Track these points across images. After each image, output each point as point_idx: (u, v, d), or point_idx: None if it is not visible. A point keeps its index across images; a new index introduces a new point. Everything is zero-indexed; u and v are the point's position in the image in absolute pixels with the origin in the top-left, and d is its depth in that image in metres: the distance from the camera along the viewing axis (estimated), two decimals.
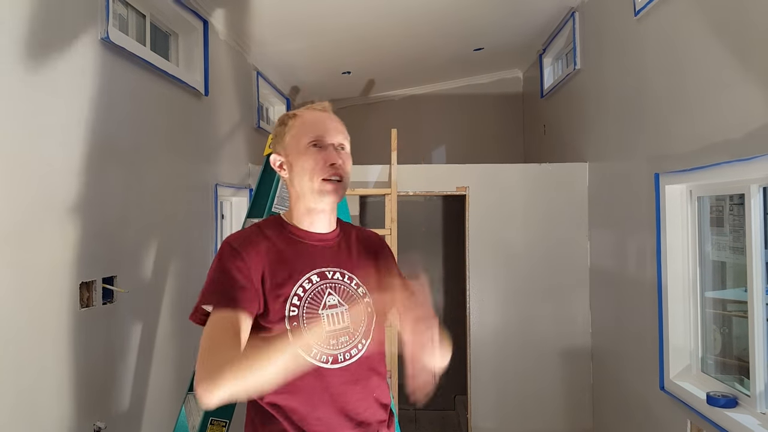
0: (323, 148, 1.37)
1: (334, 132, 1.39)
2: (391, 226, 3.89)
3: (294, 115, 1.42)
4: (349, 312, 1.35)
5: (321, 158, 1.36)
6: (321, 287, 1.35)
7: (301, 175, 1.37)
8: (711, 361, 2.67)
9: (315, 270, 1.36)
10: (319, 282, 1.35)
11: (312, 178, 1.35)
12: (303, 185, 1.37)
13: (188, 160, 3.35)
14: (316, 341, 1.26)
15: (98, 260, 2.38)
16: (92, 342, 2.34)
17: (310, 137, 1.37)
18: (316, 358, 1.30)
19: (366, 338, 1.38)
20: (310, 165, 1.35)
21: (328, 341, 1.31)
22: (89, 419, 2.32)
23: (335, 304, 1.35)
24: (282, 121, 1.45)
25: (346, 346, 1.34)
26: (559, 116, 4.84)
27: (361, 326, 1.37)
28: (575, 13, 4.13)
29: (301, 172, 1.37)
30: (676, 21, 2.66)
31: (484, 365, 4.09)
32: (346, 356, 1.34)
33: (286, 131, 1.41)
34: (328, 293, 1.35)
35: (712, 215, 2.66)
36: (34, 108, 2.01)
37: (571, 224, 4.05)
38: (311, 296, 1.33)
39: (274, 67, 5.06)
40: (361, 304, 1.37)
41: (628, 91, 3.24)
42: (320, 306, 1.33)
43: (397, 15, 4.08)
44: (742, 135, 2.15)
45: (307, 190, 1.37)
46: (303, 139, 1.37)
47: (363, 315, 1.37)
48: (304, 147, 1.37)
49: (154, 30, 3.23)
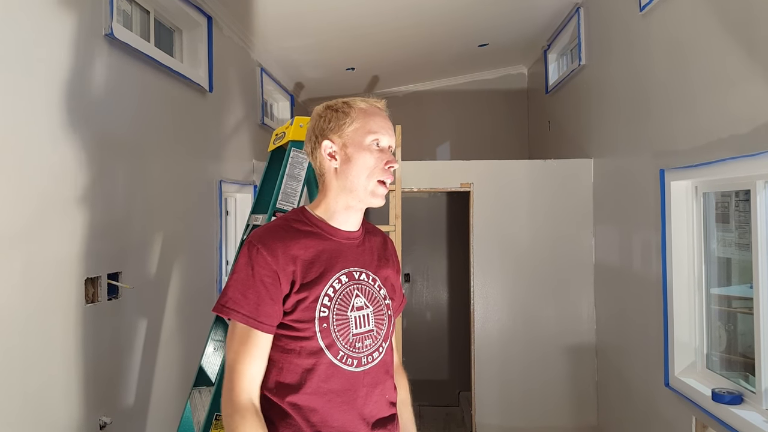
0: (384, 149, 1.35)
1: (391, 134, 1.37)
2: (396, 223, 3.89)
3: (350, 106, 1.36)
4: (375, 316, 1.35)
5: (382, 158, 1.33)
6: (349, 288, 1.33)
7: (359, 171, 1.32)
8: (716, 357, 2.66)
9: (344, 270, 1.34)
10: (348, 282, 1.33)
11: (370, 176, 1.32)
12: (357, 181, 1.33)
13: (192, 157, 3.35)
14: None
15: (103, 256, 2.39)
16: (98, 338, 2.35)
17: (375, 135, 1.33)
18: (342, 361, 1.29)
19: (385, 341, 1.38)
20: (372, 163, 1.32)
21: (354, 345, 1.30)
22: (95, 414, 2.33)
23: (362, 306, 1.34)
24: (340, 108, 1.37)
25: (369, 349, 1.33)
26: (563, 112, 4.82)
27: (383, 330, 1.37)
28: (580, 9, 4.11)
29: (360, 168, 1.32)
30: (681, 16, 2.65)
31: (488, 361, 4.09)
32: (369, 359, 1.33)
33: (347, 121, 1.34)
34: (355, 295, 1.34)
35: (718, 211, 2.65)
36: (38, 104, 2.01)
37: (576, 220, 4.04)
38: (341, 297, 1.31)
39: (278, 64, 5.05)
40: (383, 308, 1.38)
41: (633, 87, 3.23)
42: (349, 308, 1.31)
43: (402, 11, 4.07)
44: (748, 130, 2.14)
45: (359, 188, 1.33)
46: (368, 135, 1.33)
47: (385, 319, 1.38)
48: (368, 143, 1.33)
49: (158, 26, 3.24)
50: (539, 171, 4.13)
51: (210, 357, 2.71)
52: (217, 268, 3.69)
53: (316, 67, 5.33)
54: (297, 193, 2.68)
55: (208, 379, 2.70)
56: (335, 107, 1.38)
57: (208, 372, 2.71)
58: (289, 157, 2.64)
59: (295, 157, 2.65)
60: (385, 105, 1.41)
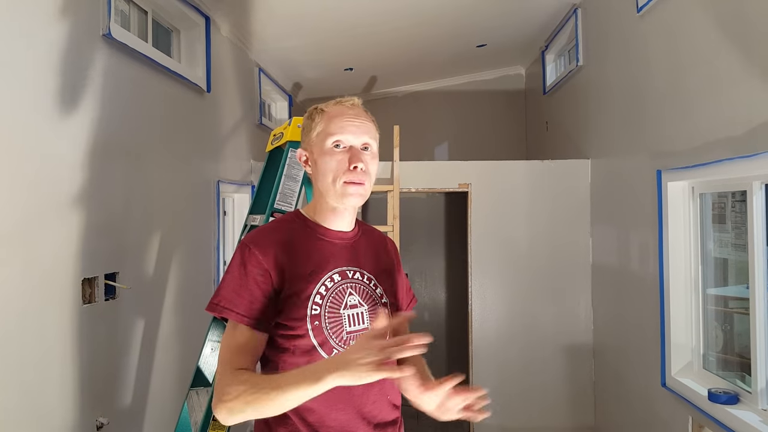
0: (347, 149, 1.33)
1: (359, 132, 1.34)
2: (394, 223, 3.89)
3: (321, 111, 1.37)
4: (370, 315, 1.35)
5: (344, 160, 1.32)
6: (342, 286, 1.33)
7: (324, 176, 1.33)
8: (712, 357, 2.67)
9: (336, 269, 1.34)
10: (341, 281, 1.34)
11: (334, 180, 1.32)
12: (326, 186, 1.33)
13: (190, 157, 3.35)
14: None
15: (100, 256, 2.39)
16: (95, 338, 2.35)
17: (334, 137, 1.32)
18: None
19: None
20: (333, 167, 1.32)
21: (348, 343, 1.30)
22: (92, 415, 2.33)
23: (356, 305, 1.34)
24: (310, 115, 1.40)
25: None
26: (561, 113, 4.83)
27: None
28: (578, 10, 4.12)
29: (324, 172, 1.33)
30: (678, 17, 2.65)
31: (486, 362, 4.09)
32: None
33: (313, 126, 1.37)
34: (348, 293, 1.34)
35: (714, 212, 2.66)
36: (35, 104, 2.01)
37: (574, 221, 4.05)
38: (333, 295, 1.31)
39: (276, 64, 5.05)
40: (379, 306, 1.38)
41: (631, 88, 3.23)
42: (341, 306, 1.32)
43: (400, 11, 4.08)
44: (745, 132, 2.14)
45: (329, 191, 1.33)
46: (328, 139, 1.33)
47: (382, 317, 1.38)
48: (328, 147, 1.33)
49: (156, 26, 3.23)
50: (537, 171, 4.13)
51: (207, 358, 2.71)
52: (214, 269, 3.69)
53: (314, 67, 5.33)
54: (295, 194, 2.68)
55: (206, 379, 2.70)
56: (309, 114, 1.41)
57: (206, 373, 2.71)
58: (287, 157, 2.64)
59: (293, 157, 2.65)
60: (360, 102, 1.40)
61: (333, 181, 1.32)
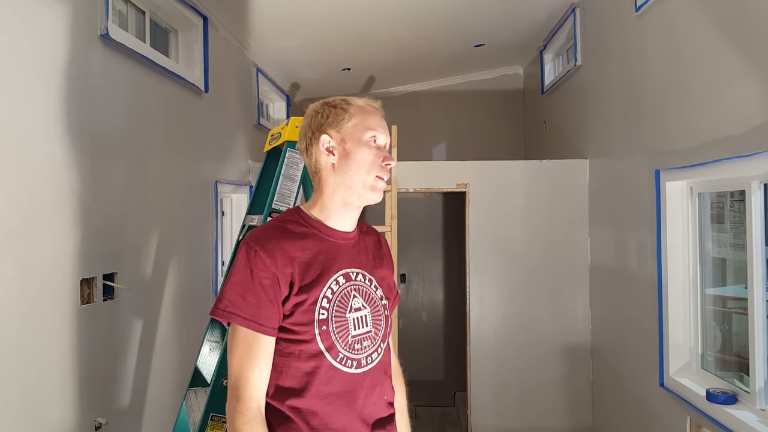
0: (379, 146, 1.36)
1: (387, 133, 1.39)
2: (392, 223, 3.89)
3: (349, 102, 1.38)
4: (373, 317, 1.35)
5: (380, 155, 1.35)
6: (347, 289, 1.33)
7: (358, 167, 1.33)
8: (711, 357, 2.67)
9: (341, 271, 1.33)
10: (345, 284, 1.33)
11: (369, 171, 1.33)
12: (356, 176, 1.33)
13: (188, 157, 3.35)
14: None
15: (98, 257, 2.38)
16: (93, 338, 2.35)
17: (373, 132, 1.35)
18: (342, 363, 1.28)
19: (383, 342, 1.38)
20: (371, 159, 1.33)
21: (353, 347, 1.30)
22: (90, 415, 2.33)
23: (360, 308, 1.33)
24: (338, 105, 1.38)
25: (368, 350, 1.33)
26: (559, 113, 4.83)
27: (380, 330, 1.37)
28: (576, 9, 4.12)
29: (359, 163, 1.33)
30: (677, 17, 2.66)
31: (484, 362, 4.09)
32: (368, 360, 1.33)
33: (346, 117, 1.35)
34: (353, 296, 1.33)
35: (713, 212, 2.66)
36: (33, 104, 2.01)
37: (572, 221, 4.05)
38: (339, 298, 1.30)
39: (274, 64, 5.05)
40: (380, 308, 1.38)
41: (629, 87, 3.23)
42: (347, 309, 1.31)
43: (398, 11, 4.07)
44: (743, 131, 2.14)
45: (357, 182, 1.33)
46: (367, 132, 1.34)
47: (382, 319, 1.38)
48: (366, 139, 1.34)
49: (153, 26, 3.23)
50: (535, 171, 4.14)
51: (205, 358, 2.70)
52: (212, 269, 3.68)
53: (311, 67, 5.33)
54: (293, 194, 2.67)
55: (204, 379, 2.69)
56: (333, 104, 1.39)
57: (204, 373, 2.70)
58: (285, 157, 2.64)
59: (291, 157, 2.64)
60: (381, 106, 1.43)
61: (368, 173, 1.33)
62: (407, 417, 1.53)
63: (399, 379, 1.55)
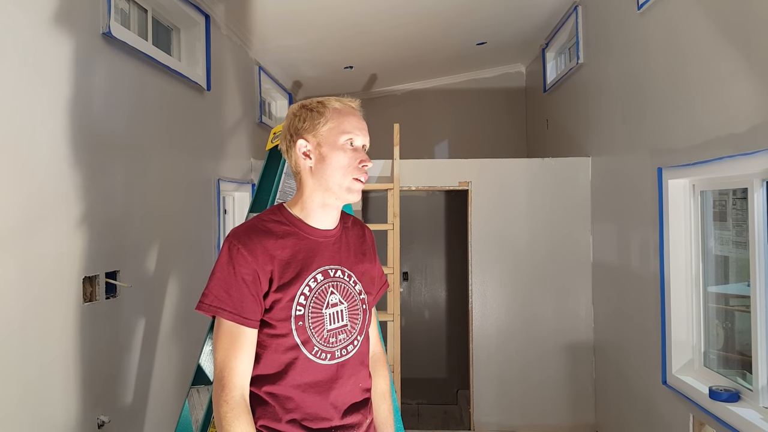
0: (356, 148, 1.38)
1: (364, 134, 1.40)
2: (394, 221, 3.89)
3: (325, 105, 1.39)
4: (350, 312, 1.40)
5: (356, 157, 1.37)
6: (324, 286, 1.37)
7: (333, 170, 1.36)
8: (713, 355, 2.67)
9: (320, 268, 1.38)
10: (323, 281, 1.37)
11: (345, 174, 1.36)
12: (333, 180, 1.36)
13: (190, 155, 3.35)
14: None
15: (101, 255, 2.39)
16: (96, 336, 2.35)
17: (348, 135, 1.36)
18: (317, 356, 1.34)
19: (360, 334, 1.43)
20: (346, 162, 1.36)
21: (329, 341, 1.35)
22: (93, 413, 2.33)
23: (336, 303, 1.38)
24: (314, 108, 1.39)
25: (343, 343, 1.38)
26: (561, 111, 4.82)
27: (357, 324, 1.42)
28: (578, 7, 4.11)
29: (335, 167, 1.36)
30: (679, 14, 2.65)
31: (486, 360, 4.09)
32: (342, 352, 1.38)
33: (322, 120, 1.37)
34: (330, 292, 1.38)
35: (715, 209, 2.66)
36: (36, 103, 2.01)
37: (574, 219, 4.05)
38: (316, 295, 1.35)
39: (276, 62, 5.05)
40: (358, 303, 1.42)
41: (631, 85, 3.23)
42: (324, 305, 1.36)
43: (400, 9, 4.07)
44: (746, 129, 2.14)
45: (334, 185, 1.36)
46: (342, 136, 1.36)
47: (360, 313, 1.42)
48: (342, 143, 1.36)
49: (155, 24, 3.23)
50: (537, 169, 4.13)
51: (208, 356, 2.70)
52: None
53: (314, 65, 5.33)
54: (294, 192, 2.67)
55: (207, 377, 2.70)
56: (310, 107, 1.41)
57: (207, 371, 2.70)
58: None
59: None
60: (359, 105, 1.44)
61: (344, 176, 1.36)
62: (390, 401, 1.58)
63: (382, 365, 1.60)
